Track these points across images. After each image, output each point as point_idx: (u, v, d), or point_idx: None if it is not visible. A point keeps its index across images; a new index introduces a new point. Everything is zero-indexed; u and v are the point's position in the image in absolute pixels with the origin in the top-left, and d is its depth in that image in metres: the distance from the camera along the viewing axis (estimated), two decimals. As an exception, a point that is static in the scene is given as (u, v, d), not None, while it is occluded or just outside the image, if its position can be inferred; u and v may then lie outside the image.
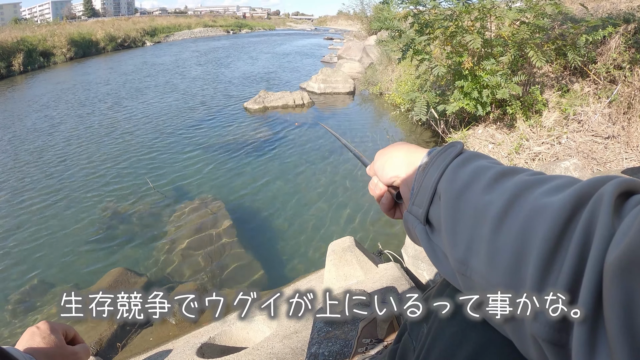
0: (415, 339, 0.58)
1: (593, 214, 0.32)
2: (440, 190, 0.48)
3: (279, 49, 24.30)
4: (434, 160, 0.51)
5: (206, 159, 6.27)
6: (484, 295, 0.40)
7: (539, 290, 0.33)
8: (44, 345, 0.62)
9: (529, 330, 0.34)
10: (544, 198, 0.37)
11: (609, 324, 0.27)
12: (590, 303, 0.29)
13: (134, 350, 2.76)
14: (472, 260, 0.41)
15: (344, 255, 2.11)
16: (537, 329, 0.33)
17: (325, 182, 5.30)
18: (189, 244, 4.02)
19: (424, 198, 0.50)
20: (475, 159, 0.49)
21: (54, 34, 22.29)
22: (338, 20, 74.16)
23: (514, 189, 0.40)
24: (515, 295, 0.36)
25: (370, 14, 20.73)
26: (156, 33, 34.86)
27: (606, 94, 4.57)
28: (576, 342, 0.30)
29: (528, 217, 0.36)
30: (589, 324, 0.29)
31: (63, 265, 3.93)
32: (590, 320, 0.29)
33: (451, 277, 0.46)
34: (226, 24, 52.59)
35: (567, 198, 0.34)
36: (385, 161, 0.60)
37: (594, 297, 0.29)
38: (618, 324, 0.26)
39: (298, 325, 1.85)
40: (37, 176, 6.00)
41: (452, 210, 0.44)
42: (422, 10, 5.26)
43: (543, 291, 0.33)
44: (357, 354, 1.08)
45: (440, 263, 0.47)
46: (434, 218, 0.49)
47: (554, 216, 0.34)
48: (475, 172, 0.45)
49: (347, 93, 10.69)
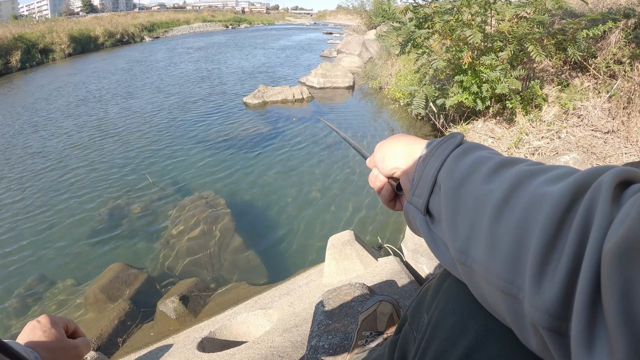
0: (416, 329, 0.59)
1: (592, 203, 0.32)
2: (441, 180, 0.48)
3: (277, 44, 24.20)
4: (434, 151, 0.52)
5: (205, 154, 6.26)
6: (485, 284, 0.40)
7: (539, 278, 0.33)
8: (44, 339, 0.63)
9: (529, 318, 0.34)
10: (543, 187, 0.37)
11: (608, 311, 0.27)
12: (589, 290, 0.29)
13: (135, 345, 2.77)
14: (472, 249, 0.41)
15: (344, 249, 2.11)
16: (537, 317, 0.33)
17: (325, 176, 5.30)
18: (189, 239, 4.02)
19: (424, 189, 0.50)
20: (475, 149, 0.49)
21: (52, 30, 22.19)
22: (337, 15, 73.83)
23: (514, 178, 0.40)
24: (515, 284, 0.36)
25: (370, 9, 20.66)
26: (155, 28, 34.71)
27: (606, 88, 4.56)
28: (575, 330, 0.30)
29: (527, 206, 0.36)
30: (588, 311, 0.29)
31: (62, 261, 3.93)
32: (589, 307, 0.29)
33: (452, 266, 0.47)
34: (225, 19, 52.37)
35: (566, 187, 0.35)
36: (386, 153, 0.60)
37: (593, 284, 0.29)
38: (616, 310, 0.26)
39: (298, 319, 1.86)
40: (36, 173, 5.99)
41: (453, 200, 0.45)
42: (422, 4, 5.24)
43: (542, 279, 0.33)
44: (357, 347, 1.08)
45: (441, 253, 0.48)
46: (434, 208, 0.49)
47: (553, 205, 0.34)
48: (475, 163, 0.46)
49: (346, 87, 10.67)
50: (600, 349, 0.28)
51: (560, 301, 0.31)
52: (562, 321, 0.31)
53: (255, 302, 2.55)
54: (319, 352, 1.27)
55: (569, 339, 0.31)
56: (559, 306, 0.31)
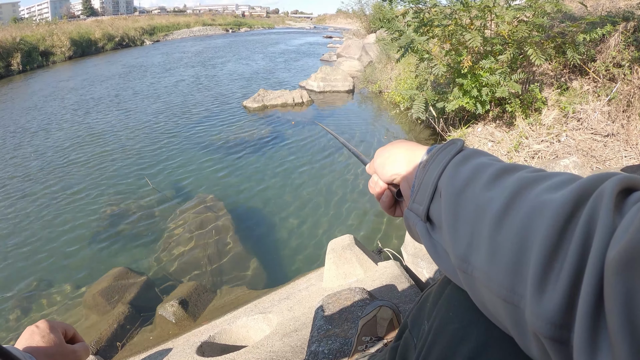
0: (417, 336, 0.58)
1: (594, 211, 0.32)
2: (441, 187, 0.48)
3: (278, 48, 24.27)
4: (434, 158, 0.51)
5: (205, 157, 6.27)
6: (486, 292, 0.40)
7: (540, 287, 0.33)
8: (43, 344, 0.62)
9: (530, 327, 0.34)
10: (545, 195, 0.37)
11: (610, 320, 0.27)
12: (592, 299, 0.29)
13: (134, 349, 2.76)
14: (473, 257, 0.41)
15: (344, 253, 2.11)
16: (538, 327, 0.33)
17: (325, 181, 5.31)
18: (189, 243, 4.02)
19: (425, 195, 0.50)
20: (476, 156, 0.49)
21: (53, 33, 22.28)
22: (337, 19, 74.14)
23: (515, 185, 0.40)
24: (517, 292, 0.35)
25: (369, 13, 20.70)
26: (155, 32, 34.87)
27: (605, 92, 4.56)
28: (577, 339, 0.29)
29: (529, 214, 0.36)
30: (590, 320, 0.29)
31: (62, 265, 3.93)
32: (591, 316, 0.29)
33: (452, 273, 0.46)
34: (225, 23, 52.60)
35: (568, 195, 0.34)
36: (386, 159, 0.60)
37: (596, 293, 0.29)
38: (619, 320, 0.26)
39: (298, 323, 1.85)
40: (36, 176, 5.99)
41: (453, 207, 0.44)
42: (422, 9, 5.25)
43: (544, 288, 0.33)
44: (357, 352, 1.08)
45: (441, 260, 0.47)
46: (435, 215, 0.49)
47: (554, 213, 0.34)
48: (476, 169, 0.45)
49: (346, 91, 10.69)
50: (602, 358, 0.28)
51: (562, 310, 0.31)
52: (564, 330, 0.31)
53: (254, 306, 2.54)
54: (319, 357, 1.26)
55: (571, 348, 0.31)
56: (560, 315, 0.31)
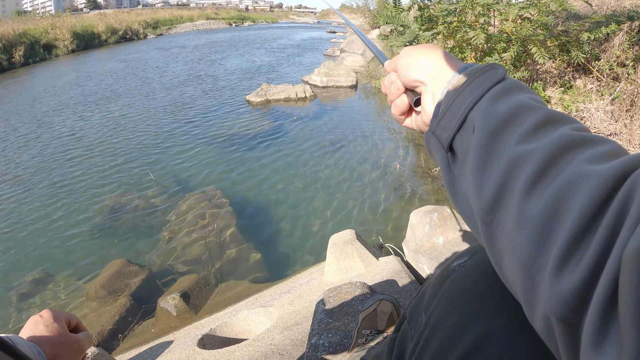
0: (414, 327, 0.59)
1: (629, 195, 0.29)
2: (473, 119, 0.43)
3: (281, 42, 24.18)
4: (469, 81, 0.45)
5: (208, 151, 6.28)
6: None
7: (561, 266, 0.31)
8: (47, 333, 0.63)
9: (543, 304, 0.32)
10: (587, 166, 0.33)
11: (622, 314, 0.26)
12: (610, 288, 0.28)
13: (135, 341, 2.78)
14: (500, 213, 0.37)
15: (345, 248, 2.11)
16: (552, 305, 0.31)
17: (326, 175, 5.31)
18: (190, 236, 4.03)
19: (452, 122, 0.45)
20: (517, 91, 0.43)
21: (56, 26, 22.23)
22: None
23: (557, 145, 0.36)
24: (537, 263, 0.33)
25: (373, 8, 20.62)
26: (158, 25, 34.74)
27: (609, 91, 4.55)
28: (588, 324, 0.28)
29: (567, 185, 0.33)
30: (604, 310, 0.28)
31: (64, 257, 3.95)
32: (607, 304, 0.28)
33: (468, 216, 0.43)
34: (229, 17, 52.35)
35: (609, 173, 0.31)
36: (413, 61, 0.53)
37: (615, 281, 0.27)
38: (631, 311, 0.25)
39: (299, 317, 1.86)
40: (38, 169, 6.02)
41: (484, 151, 0.40)
42: (428, 5, 5.23)
43: (565, 267, 0.31)
44: (357, 345, 1.08)
45: (458, 199, 0.44)
46: (460, 148, 0.44)
47: (592, 191, 0.31)
48: (517, 110, 0.40)
49: (349, 86, 10.66)
50: (609, 348, 0.27)
51: (579, 293, 0.30)
52: (576, 313, 0.30)
53: (256, 299, 2.56)
54: (319, 350, 1.27)
55: (580, 332, 0.30)
56: (576, 298, 0.30)
